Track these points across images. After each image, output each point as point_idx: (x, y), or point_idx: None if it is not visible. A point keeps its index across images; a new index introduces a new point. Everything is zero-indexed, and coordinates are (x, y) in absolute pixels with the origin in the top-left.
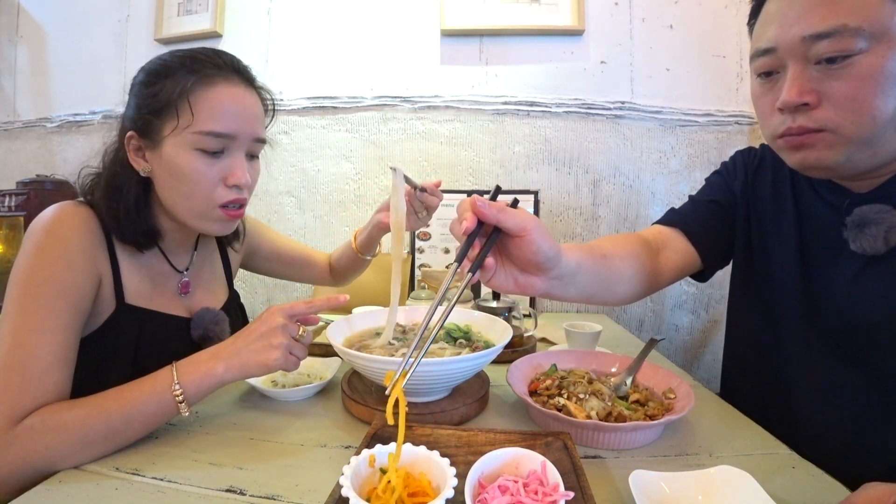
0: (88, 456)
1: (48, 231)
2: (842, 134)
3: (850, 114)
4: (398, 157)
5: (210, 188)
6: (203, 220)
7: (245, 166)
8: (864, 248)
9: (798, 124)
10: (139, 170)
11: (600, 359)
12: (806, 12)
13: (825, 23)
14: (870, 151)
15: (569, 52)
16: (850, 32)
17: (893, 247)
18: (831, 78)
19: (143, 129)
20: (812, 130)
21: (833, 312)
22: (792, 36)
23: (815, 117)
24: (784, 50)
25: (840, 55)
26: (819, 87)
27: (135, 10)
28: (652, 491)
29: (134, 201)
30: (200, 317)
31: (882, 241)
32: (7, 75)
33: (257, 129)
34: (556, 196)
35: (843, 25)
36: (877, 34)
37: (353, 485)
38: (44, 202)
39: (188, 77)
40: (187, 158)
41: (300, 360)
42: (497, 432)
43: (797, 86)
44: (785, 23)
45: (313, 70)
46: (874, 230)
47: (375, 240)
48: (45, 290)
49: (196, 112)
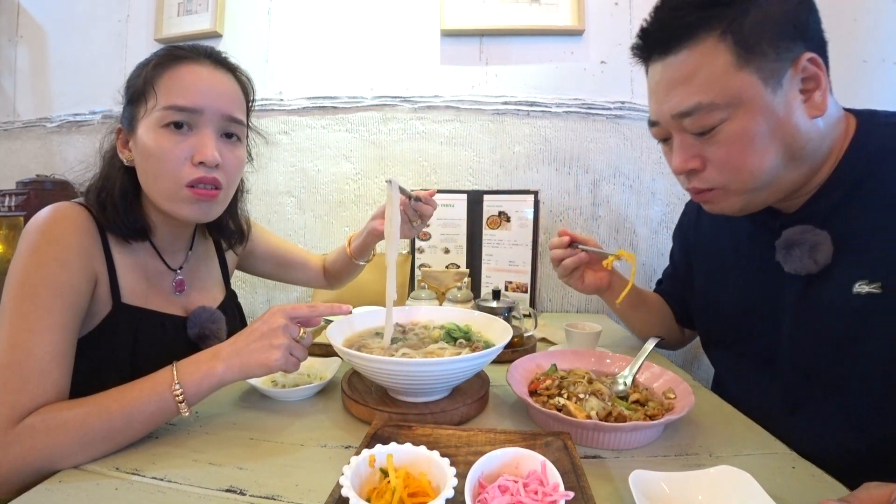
0: (89, 455)
1: (43, 232)
2: (730, 189)
3: (730, 174)
4: (398, 156)
5: (176, 166)
6: (173, 201)
7: (214, 144)
8: (797, 269)
9: (692, 185)
10: (123, 159)
11: (600, 359)
12: (668, 93)
13: (684, 103)
14: (767, 192)
15: (569, 52)
16: (707, 108)
17: (827, 265)
18: (708, 144)
19: (125, 120)
20: (706, 189)
21: (784, 334)
22: (664, 112)
23: (704, 178)
24: (663, 123)
25: (706, 129)
26: (701, 153)
27: (135, 10)
28: (652, 491)
29: (120, 191)
30: (197, 315)
31: (809, 260)
32: (7, 75)
33: (228, 106)
34: (556, 196)
35: (698, 104)
36: (732, 103)
37: (353, 485)
38: (44, 202)
39: (157, 62)
40: (154, 137)
41: (300, 362)
42: (497, 432)
43: (680, 155)
44: (657, 100)
45: (313, 70)
46: (798, 251)
47: (370, 246)
48: (42, 290)
49: (159, 91)
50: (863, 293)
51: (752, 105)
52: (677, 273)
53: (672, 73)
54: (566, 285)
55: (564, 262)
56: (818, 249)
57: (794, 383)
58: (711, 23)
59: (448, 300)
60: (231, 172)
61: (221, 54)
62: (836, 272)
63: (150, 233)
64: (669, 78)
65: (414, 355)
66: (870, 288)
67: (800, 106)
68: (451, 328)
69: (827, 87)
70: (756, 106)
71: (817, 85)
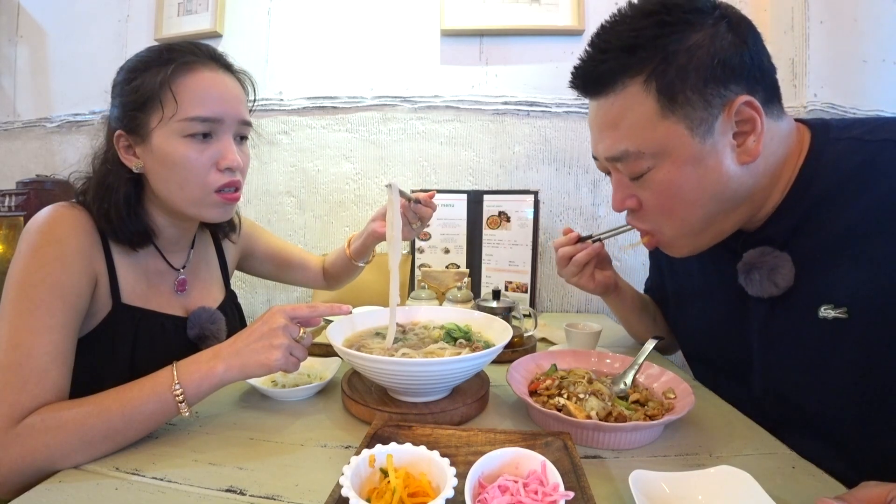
0: (89, 455)
1: (43, 232)
2: (667, 234)
3: (664, 220)
4: (398, 156)
5: (203, 174)
6: (201, 207)
7: (235, 149)
8: (759, 293)
9: (635, 225)
10: (131, 167)
11: (600, 359)
12: (600, 134)
13: (613, 148)
14: (708, 236)
15: (569, 52)
16: (634, 156)
17: (791, 286)
18: (641, 189)
19: (130, 126)
20: (646, 230)
21: (753, 358)
22: (598, 153)
23: (641, 218)
24: (601, 162)
25: (635, 175)
26: (637, 193)
27: (135, 10)
28: (652, 491)
29: (124, 199)
30: (197, 316)
31: (769, 283)
32: (7, 75)
33: (242, 111)
34: (556, 196)
35: (625, 151)
36: (657, 153)
37: (353, 485)
38: (44, 202)
39: (167, 67)
40: (177, 147)
41: (300, 362)
42: (497, 432)
43: (617, 195)
44: (593, 139)
45: (313, 70)
46: (758, 274)
47: (369, 248)
48: (41, 290)
49: (180, 99)
50: (829, 318)
51: (677, 155)
52: (655, 285)
53: (602, 116)
54: (567, 285)
55: (577, 258)
56: (777, 272)
57: (769, 405)
58: (635, 69)
59: (448, 300)
60: (245, 172)
61: (225, 57)
62: (800, 295)
63: (154, 236)
64: (601, 120)
65: (414, 355)
66: (836, 313)
67: (731, 153)
68: (451, 328)
69: (762, 131)
70: (682, 156)
71: (752, 128)
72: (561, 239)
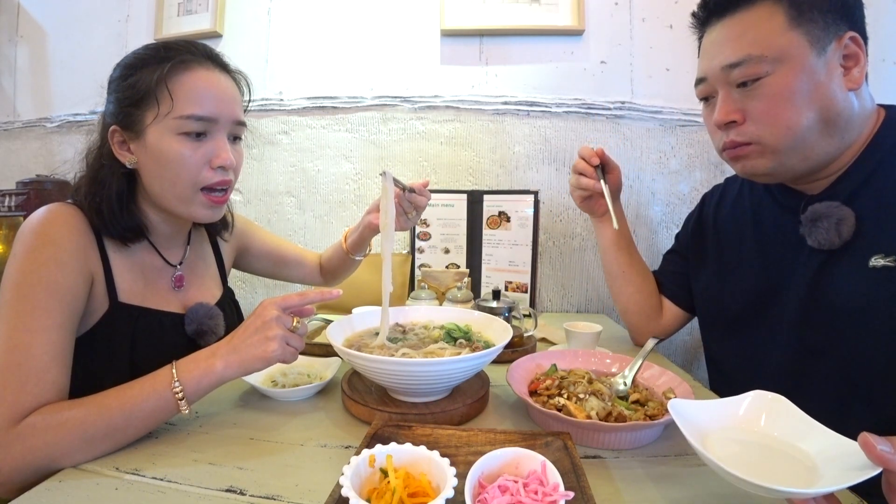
0: (89, 454)
1: (38, 233)
2: (766, 144)
3: (768, 127)
4: (398, 156)
5: (195, 171)
6: (189, 205)
7: (229, 148)
8: (820, 242)
9: (730, 139)
10: (125, 162)
11: (600, 359)
12: (721, 47)
13: (735, 54)
14: (798, 156)
15: (569, 52)
16: (755, 60)
17: (848, 241)
18: (750, 98)
19: (125, 122)
20: (743, 143)
21: (796, 308)
22: (714, 66)
23: (742, 132)
24: (711, 78)
25: (750, 79)
26: (743, 107)
27: (135, 10)
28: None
29: (116, 194)
30: (194, 312)
31: (835, 232)
32: (7, 75)
33: (237, 111)
34: (556, 196)
35: (748, 55)
36: (779, 58)
37: (353, 485)
38: (44, 202)
39: (163, 64)
40: (172, 144)
41: (298, 352)
42: (497, 432)
43: (724, 107)
44: (709, 56)
45: (313, 70)
46: (825, 224)
47: (366, 240)
48: (38, 290)
49: (175, 97)
50: (878, 266)
51: (796, 63)
52: (679, 251)
53: (727, 32)
54: (567, 285)
55: (585, 182)
56: (843, 224)
57: (796, 360)
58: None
59: (448, 300)
60: (237, 171)
61: (222, 57)
62: (855, 247)
63: (147, 232)
64: (724, 36)
65: (414, 355)
66: (885, 261)
67: (839, 76)
68: (451, 328)
69: (864, 66)
70: (800, 65)
71: (856, 63)
72: (585, 166)
